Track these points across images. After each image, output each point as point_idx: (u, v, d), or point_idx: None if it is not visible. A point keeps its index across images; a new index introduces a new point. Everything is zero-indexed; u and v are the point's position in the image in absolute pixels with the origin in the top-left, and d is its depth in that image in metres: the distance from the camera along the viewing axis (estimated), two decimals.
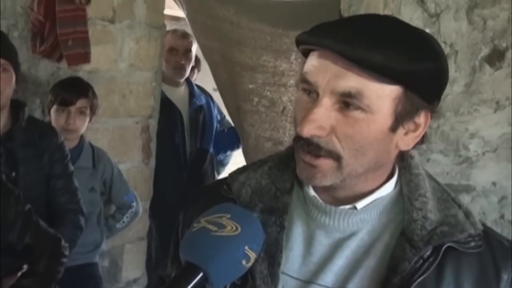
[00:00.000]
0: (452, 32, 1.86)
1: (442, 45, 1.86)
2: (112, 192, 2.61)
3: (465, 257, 0.86)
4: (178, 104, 3.32)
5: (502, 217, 1.85)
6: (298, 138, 0.85)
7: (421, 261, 0.84)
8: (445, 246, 0.84)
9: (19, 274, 1.79)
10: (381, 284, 0.85)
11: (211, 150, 3.51)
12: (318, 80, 0.82)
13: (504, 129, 1.81)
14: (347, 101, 0.81)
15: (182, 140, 3.31)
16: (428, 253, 0.84)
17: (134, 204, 2.67)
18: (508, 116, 1.81)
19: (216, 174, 3.65)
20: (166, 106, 3.16)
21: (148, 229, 3.11)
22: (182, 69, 3.32)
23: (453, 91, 1.87)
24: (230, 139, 3.58)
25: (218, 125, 3.62)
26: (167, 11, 3.07)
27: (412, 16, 1.90)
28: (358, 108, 0.81)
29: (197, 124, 3.38)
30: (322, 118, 0.82)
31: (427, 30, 1.87)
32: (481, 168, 1.86)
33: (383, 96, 0.81)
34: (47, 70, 2.71)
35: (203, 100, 3.45)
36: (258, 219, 0.85)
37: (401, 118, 0.84)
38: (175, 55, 3.29)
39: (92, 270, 2.51)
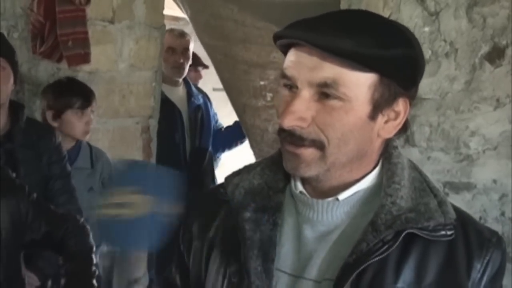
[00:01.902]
0: (452, 30, 1.86)
1: (442, 43, 1.87)
2: None
3: (434, 245, 0.87)
4: (178, 104, 3.33)
5: (502, 214, 1.85)
6: (281, 131, 0.88)
7: (380, 244, 0.85)
8: (405, 232, 0.85)
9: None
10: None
11: (210, 148, 3.53)
12: (295, 73, 0.85)
13: (504, 126, 1.82)
14: (325, 92, 0.84)
15: (182, 139, 3.33)
16: (389, 237, 0.85)
17: None
18: (508, 113, 1.81)
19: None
20: (166, 105, 3.17)
21: None
22: (181, 68, 3.34)
23: (453, 89, 1.87)
24: (228, 138, 3.61)
25: (216, 124, 3.65)
26: (166, 11, 3.08)
27: (411, 14, 1.90)
28: (336, 97, 0.84)
29: (196, 123, 3.40)
30: (302, 109, 0.85)
31: (427, 29, 1.88)
32: (481, 166, 1.86)
33: (358, 83, 0.84)
34: (47, 71, 2.71)
35: (200, 100, 3.48)
36: (166, 171, 0.86)
37: (379, 105, 0.86)
38: (174, 54, 3.31)
39: None
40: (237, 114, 3.32)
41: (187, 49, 3.37)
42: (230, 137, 3.61)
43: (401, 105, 0.88)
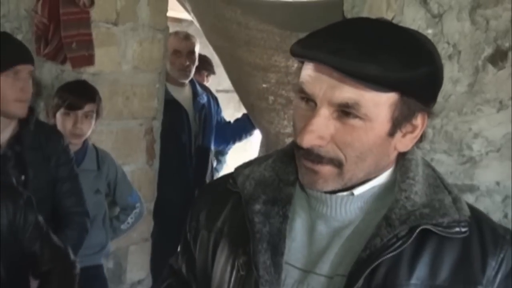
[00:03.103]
0: (455, 32, 1.86)
1: (445, 46, 1.87)
2: (116, 193, 2.62)
3: (448, 242, 0.86)
4: (184, 104, 3.35)
5: (505, 216, 1.85)
6: (298, 147, 0.87)
7: (394, 239, 0.84)
8: (419, 228, 0.84)
9: None
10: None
11: (212, 147, 3.56)
12: (315, 91, 0.84)
13: (507, 128, 1.82)
14: (345, 110, 0.83)
15: (189, 139, 3.35)
16: (403, 232, 0.85)
17: (138, 204, 2.68)
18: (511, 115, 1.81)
19: (214, 168, 3.72)
20: (173, 106, 3.19)
21: (153, 230, 3.12)
22: (187, 70, 3.36)
23: (456, 91, 1.87)
24: (236, 130, 3.65)
25: (222, 118, 3.67)
26: (169, 13, 3.08)
27: (415, 16, 1.90)
28: (356, 116, 0.83)
29: (200, 123, 3.42)
30: (321, 128, 0.83)
31: (430, 31, 1.88)
32: (484, 168, 1.86)
33: (379, 104, 0.83)
34: (51, 73, 2.72)
35: (205, 98, 3.51)
36: None
37: (398, 122, 0.86)
38: (180, 57, 3.33)
39: (97, 272, 2.52)
40: (248, 113, 3.36)
41: (193, 51, 3.39)
42: (239, 129, 3.65)
43: (419, 119, 0.88)
